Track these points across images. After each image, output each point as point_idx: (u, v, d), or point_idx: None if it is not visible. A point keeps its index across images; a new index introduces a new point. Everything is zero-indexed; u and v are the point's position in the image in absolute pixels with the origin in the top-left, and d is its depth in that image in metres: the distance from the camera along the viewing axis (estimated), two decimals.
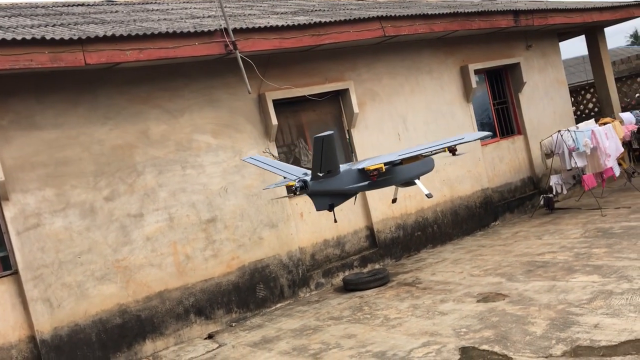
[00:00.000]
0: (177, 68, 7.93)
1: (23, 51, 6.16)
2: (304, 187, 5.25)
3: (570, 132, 10.59)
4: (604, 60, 13.89)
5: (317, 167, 5.05)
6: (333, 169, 5.18)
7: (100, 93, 7.39)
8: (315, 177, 5.18)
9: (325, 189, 5.32)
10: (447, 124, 10.91)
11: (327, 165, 5.05)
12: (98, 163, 7.28)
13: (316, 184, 5.25)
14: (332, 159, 5.03)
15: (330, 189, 5.35)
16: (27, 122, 6.85)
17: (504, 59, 11.90)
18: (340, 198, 5.63)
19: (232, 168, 8.33)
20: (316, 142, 4.85)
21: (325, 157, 4.95)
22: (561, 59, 13.34)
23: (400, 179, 5.88)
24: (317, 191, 5.32)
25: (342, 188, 5.42)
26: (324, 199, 5.44)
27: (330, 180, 5.30)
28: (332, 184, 5.33)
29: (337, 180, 5.38)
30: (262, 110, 8.69)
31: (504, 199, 11.69)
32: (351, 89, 9.60)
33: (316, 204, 5.52)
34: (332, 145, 4.92)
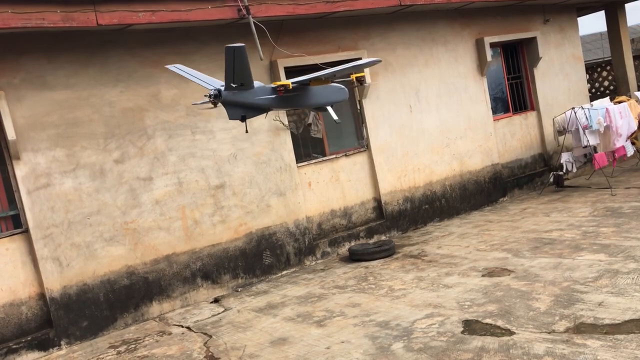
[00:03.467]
0: (189, 32, 7.85)
1: (35, 9, 6.11)
2: (218, 96, 5.55)
3: (584, 109, 10.46)
4: (622, 37, 13.62)
5: (229, 78, 5.29)
6: (246, 82, 5.43)
7: (111, 55, 7.35)
8: (228, 87, 5.44)
9: (238, 99, 5.62)
10: (459, 97, 10.80)
11: (240, 77, 5.28)
12: (108, 125, 7.29)
13: (229, 94, 5.54)
14: (245, 72, 5.26)
15: (243, 101, 5.65)
16: (39, 81, 6.84)
17: (521, 33, 11.69)
18: (253, 111, 5.92)
19: (242, 135, 8.31)
20: (227, 53, 5.03)
21: (237, 68, 5.16)
22: (579, 35, 13.09)
23: (312, 102, 6.20)
24: (230, 101, 5.62)
25: (254, 101, 5.71)
26: (237, 109, 5.74)
27: (243, 92, 5.59)
28: (244, 96, 5.62)
29: (250, 93, 5.67)
30: (274, 77, 8.61)
31: (513, 175, 11.63)
32: (364, 59, 9.48)
33: (229, 113, 5.82)
34: (243, 58, 5.11)
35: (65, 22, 6.33)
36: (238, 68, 5.17)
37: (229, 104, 5.66)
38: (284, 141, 8.72)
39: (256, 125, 8.44)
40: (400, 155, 9.96)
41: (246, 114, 5.80)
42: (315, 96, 6.17)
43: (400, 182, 9.92)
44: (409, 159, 10.08)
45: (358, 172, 9.57)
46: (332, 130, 9.46)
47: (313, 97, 6.16)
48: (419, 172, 10.17)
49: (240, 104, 5.68)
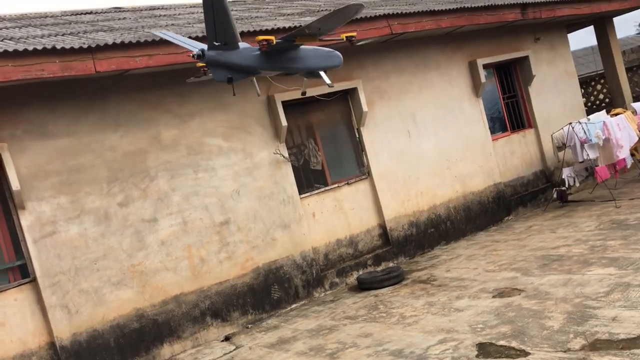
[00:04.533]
0: (187, 72, 7.92)
1: (34, 61, 6.22)
2: (201, 56, 5.24)
3: (581, 124, 10.53)
4: (613, 50, 13.78)
5: (211, 34, 4.95)
6: (229, 40, 5.10)
7: (110, 100, 7.45)
8: (211, 46, 5.12)
9: (224, 59, 5.29)
10: (456, 119, 10.89)
11: (222, 33, 4.94)
12: (111, 169, 7.34)
13: (213, 54, 5.21)
14: (227, 27, 4.91)
15: (229, 61, 5.31)
16: (41, 131, 6.93)
17: (512, 53, 11.84)
18: (240, 74, 5.56)
19: (244, 170, 8.36)
20: (205, 4, 4.69)
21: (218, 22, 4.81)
22: (570, 51, 13.25)
23: (303, 64, 5.84)
24: (214, 61, 5.28)
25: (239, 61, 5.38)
26: (222, 70, 5.41)
27: (228, 52, 5.27)
28: (230, 56, 5.30)
29: (236, 53, 5.33)
30: (272, 112, 8.71)
31: (516, 193, 11.63)
32: (359, 88, 9.61)
33: (214, 74, 5.49)
34: (224, 8, 4.75)
35: (64, 71, 6.44)
36: (219, 20, 4.81)
37: (213, 64, 5.35)
38: (285, 174, 8.77)
39: (257, 159, 8.50)
40: (402, 180, 9.99)
41: (232, 76, 5.44)
42: (306, 59, 5.82)
43: (404, 207, 9.93)
44: (411, 183, 10.11)
45: (361, 199, 9.58)
46: (333, 160, 9.52)
47: (304, 59, 5.81)
48: (422, 196, 10.18)
49: (225, 65, 5.34)
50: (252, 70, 5.60)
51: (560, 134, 10.97)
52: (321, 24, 5.26)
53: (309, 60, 5.85)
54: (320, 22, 5.23)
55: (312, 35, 5.45)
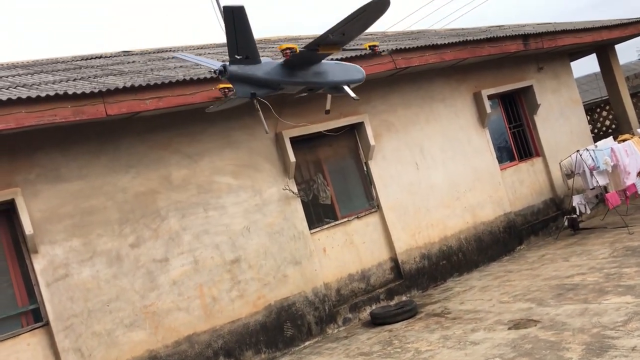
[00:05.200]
0: (196, 113, 8.08)
1: (47, 107, 6.35)
2: (224, 72, 5.12)
3: (589, 151, 10.53)
4: (617, 77, 13.87)
5: (232, 47, 4.86)
6: (251, 54, 4.99)
7: (122, 142, 7.56)
8: (233, 60, 5.01)
9: (246, 73, 5.17)
10: (463, 150, 10.92)
11: (244, 46, 4.84)
12: (122, 210, 7.40)
13: (236, 69, 5.10)
14: (248, 40, 4.81)
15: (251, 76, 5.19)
16: (53, 174, 7.02)
17: (517, 83, 11.94)
18: (264, 89, 5.43)
19: (253, 207, 8.40)
20: (226, 15, 4.59)
21: (239, 35, 4.71)
22: (574, 79, 13.35)
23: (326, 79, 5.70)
24: (237, 76, 5.16)
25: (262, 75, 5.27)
26: (246, 86, 5.30)
27: (250, 66, 5.15)
28: (252, 70, 5.18)
29: (258, 67, 5.22)
30: (280, 149, 8.79)
31: (527, 222, 11.57)
32: (366, 122, 9.69)
33: (237, 90, 5.36)
34: (244, 22, 4.64)
35: (76, 116, 6.56)
36: (240, 34, 4.72)
37: (236, 80, 5.24)
38: (295, 209, 8.79)
39: (266, 196, 8.55)
40: (412, 212, 9.98)
41: (256, 92, 5.34)
42: (329, 73, 5.70)
43: (415, 240, 9.89)
44: (421, 215, 10.09)
45: (372, 233, 9.57)
46: (342, 194, 9.54)
47: (327, 74, 5.69)
48: (432, 228, 10.15)
49: (248, 80, 5.24)
50: (275, 85, 5.51)
51: (569, 161, 10.97)
52: (345, 28, 5.02)
53: (332, 75, 5.77)
54: (344, 25, 4.97)
55: (335, 44, 5.28)
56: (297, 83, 5.70)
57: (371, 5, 4.73)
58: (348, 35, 5.16)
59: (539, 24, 14.58)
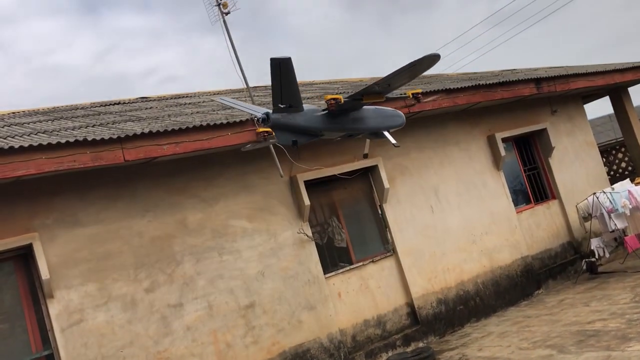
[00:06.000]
0: (212, 157, 8.18)
1: (67, 153, 6.47)
2: (266, 120, 5.17)
3: (606, 193, 10.44)
4: (631, 119, 13.85)
5: (277, 96, 4.92)
6: (294, 102, 5.05)
7: (138, 186, 7.64)
8: (276, 108, 5.06)
9: (289, 122, 5.22)
10: (479, 193, 10.88)
11: (288, 96, 4.90)
12: (138, 255, 7.42)
13: (278, 117, 5.17)
14: (293, 90, 4.87)
15: (293, 124, 5.23)
16: (71, 219, 7.09)
17: (531, 126, 11.97)
18: (304, 136, 5.47)
19: (268, 251, 8.38)
20: (272, 66, 4.63)
21: (285, 84, 4.78)
22: (587, 121, 13.36)
23: (366, 125, 5.75)
24: (279, 124, 5.22)
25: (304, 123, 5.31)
26: (287, 133, 5.34)
27: (293, 115, 5.21)
28: (294, 118, 5.23)
29: (300, 115, 5.27)
30: (295, 192, 8.82)
31: (545, 266, 11.39)
32: (380, 165, 9.72)
33: (279, 138, 5.41)
34: (290, 72, 4.71)
35: (95, 161, 6.67)
36: (285, 84, 4.82)
37: (278, 127, 5.31)
38: (309, 253, 8.75)
39: (281, 240, 8.53)
40: (427, 256, 9.88)
41: (297, 139, 5.40)
42: (369, 119, 5.78)
43: (431, 284, 9.76)
44: (437, 259, 9.99)
45: (387, 277, 9.46)
46: (357, 237, 9.50)
47: (368, 120, 5.77)
48: (449, 272, 10.03)
49: (290, 128, 5.31)
50: (316, 132, 5.58)
51: (585, 204, 10.87)
52: (391, 80, 5.15)
53: (372, 121, 5.86)
54: (391, 78, 5.11)
55: (379, 93, 5.41)
56: (337, 129, 5.79)
57: (423, 60, 4.88)
58: (393, 86, 5.32)
59: (551, 68, 14.70)
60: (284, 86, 4.84)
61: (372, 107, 5.97)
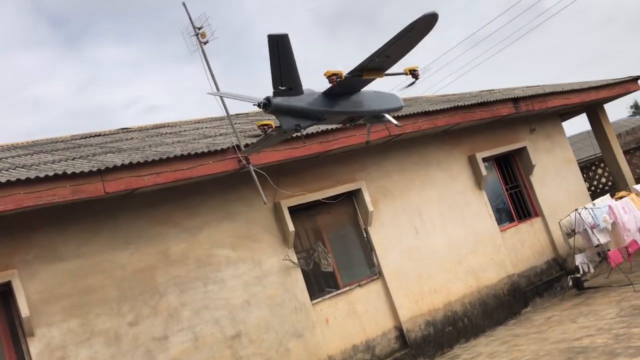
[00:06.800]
0: (193, 186, 8.14)
1: (46, 187, 6.39)
2: (268, 105, 5.08)
3: (587, 209, 10.54)
4: (608, 135, 14.08)
5: (276, 78, 4.81)
6: (294, 84, 4.95)
7: (120, 218, 7.56)
8: (277, 91, 4.97)
9: (290, 104, 5.13)
10: (462, 213, 10.93)
11: (287, 77, 4.80)
12: (121, 288, 7.30)
13: (280, 100, 5.08)
14: (292, 70, 4.77)
15: (295, 107, 5.14)
16: (51, 254, 6.98)
17: (510, 145, 12.11)
18: (307, 120, 5.40)
19: (253, 279, 8.30)
20: (270, 44, 4.48)
21: (283, 65, 4.66)
22: (566, 138, 13.55)
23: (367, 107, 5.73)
24: (281, 107, 5.12)
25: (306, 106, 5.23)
26: (290, 118, 5.25)
27: (294, 97, 5.13)
28: (296, 101, 5.15)
29: (301, 99, 5.20)
30: (279, 219, 8.79)
31: (531, 284, 11.42)
32: (363, 188, 9.75)
33: (282, 122, 5.31)
34: (288, 51, 4.58)
35: (75, 194, 6.60)
36: (284, 64, 4.69)
37: (280, 111, 5.21)
38: (295, 280, 8.69)
39: (266, 267, 8.47)
40: (414, 278, 9.86)
41: (300, 123, 5.32)
42: (369, 102, 5.77)
43: (418, 307, 9.72)
44: (424, 281, 9.97)
45: (375, 301, 9.41)
46: (343, 262, 9.46)
47: (368, 102, 5.76)
48: (436, 294, 10.00)
49: (292, 111, 5.22)
50: (319, 116, 5.51)
51: (568, 220, 10.96)
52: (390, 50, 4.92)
53: (372, 103, 5.84)
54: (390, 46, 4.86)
55: (379, 68, 5.26)
56: (339, 113, 5.73)
57: (419, 22, 4.65)
58: (392, 57, 5.13)
59: (528, 87, 14.96)
60: (282, 67, 4.72)
61: (371, 91, 5.96)
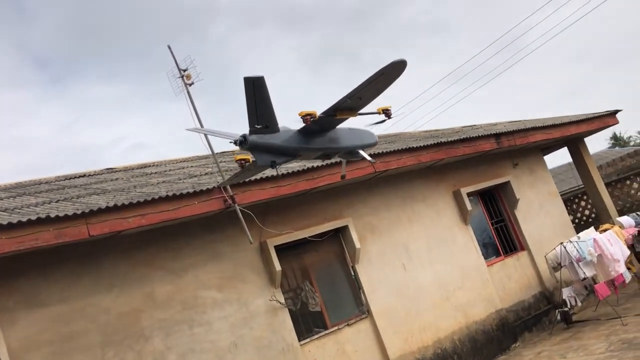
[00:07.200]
0: (179, 227, 8.07)
1: (28, 231, 6.28)
2: (244, 142, 5.19)
3: (572, 242, 10.60)
4: (590, 168, 14.27)
5: (252, 117, 4.93)
6: (270, 123, 5.06)
7: (104, 261, 7.45)
8: (253, 129, 5.07)
9: (266, 142, 5.25)
10: (449, 248, 10.94)
11: (263, 115, 4.92)
12: (105, 333, 7.15)
13: (256, 138, 5.19)
14: (267, 109, 4.91)
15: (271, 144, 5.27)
16: (33, 300, 6.83)
17: (494, 179, 12.22)
18: (282, 157, 5.52)
19: (240, 321, 8.18)
20: (246, 85, 4.64)
21: (259, 104, 4.80)
22: (549, 172, 13.73)
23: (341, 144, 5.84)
24: (257, 145, 5.25)
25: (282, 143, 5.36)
26: (265, 155, 5.37)
27: (269, 135, 5.24)
28: (271, 139, 5.27)
29: (277, 136, 5.30)
30: (265, 258, 8.72)
31: (519, 318, 11.38)
32: (350, 225, 9.74)
33: (258, 158, 5.41)
34: (264, 91, 4.73)
35: (58, 238, 6.49)
36: (260, 103, 4.84)
37: (256, 149, 5.34)
38: (283, 320, 8.57)
39: (253, 308, 8.36)
40: (402, 316, 9.78)
41: (275, 160, 5.44)
42: (344, 139, 5.87)
43: (408, 345, 9.62)
44: (412, 318, 9.89)
45: (364, 340, 9.29)
46: (331, 301, 9.37)
47: (342, 139, 5.86)
48: (425, 331, 9.92)
49: (268, 148, 5.35)
50: (294, 152, 5.63)
51: (554, 254, 11.00)
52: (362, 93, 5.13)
53: (346, 140, 5.96)
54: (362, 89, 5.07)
55: (352, 109, 5.42)
56: (314, 149, 5.87)
57: (389, 68, 4.89)
58: (364, 99, 5.33)
59: (510, 122, 15.19)
60: (258, 106, 4.88)
61: (346, 127, 6.13)
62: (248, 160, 5.91)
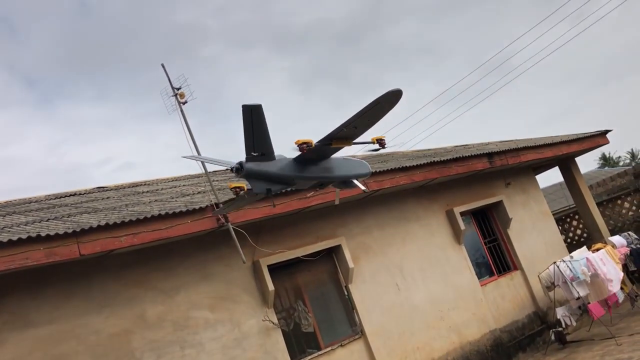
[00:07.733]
0: (171, 246, 8.00)
1: (18, 250, 6.19)
2: (240, 170, 5.21)
3: (565, 262, 10.60)
4: (581, 187, 14.33)
5: (249, 144, 4.99)
6: (266, 151, 5.13)
7: (95, 281, 7.35)
8: (249, 157, 5.12)
9: (262, 170, 5.29)
10: (442, 268, 10.90)
11: (260, 143, 4.99)
12: (95, 355, 7.02)
13: (252, 165, 5.23)
14: (264, 137, 4.97)
15: (266, 172, 5.32)
16: (22, 321, 6.70)
17: (487, 199, 12.24)
18: (277, 185, 5.56)
19: (232, 342, 8.07)
20: (244, 113, 4.70)
21: (256, 131, 4.86)
22: (541, 192, 13.77)
23: (336, 173, 5.93)
24: (253, 172, 5.27)
25: (278, 171, 5.42)
26: (261, 183, 5.41)
27: (265, 163, 5.30)
28: (267, 167, 5.32)
29: (273, 164, 5.36)
30: (258, 278, 8.64)
31: (513, 339, 11.30)
32: (343, 245, 9.69)
33: (253, 186, 5.45)
34: (261, 120, 4.79)
35: (49, 257, 6.40)
36: (257, 132, 4.90)
37: (252, 176, 5.37)
38: (275, 341, 8.47)
39: (245, 329, 8.25)
40: (396, 336, 9.69)
41: (271, 188, 5.49)
42: (338, 168, 5.97)
43: None
44: (406, 339, 9.80)
45: None
46: (324, 321, 9.28)
47: (337, 168, 5.96)
48: (419, 352, 9.82)
49: (263, 176, 5.40)
50: (289, 181, 5.70)
51: (547, 273, 10.98)
52: (357, 122, 5.19)
53: (341, 169, 6.05)
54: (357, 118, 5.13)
55: (347, 138, 5.51)
56: (309, 178, 5.92)
57: (384, 98, 4.94)
58: (360, 128, 5.39)
59: (502, 142, 15.28)
60: (255, 134, 4.94)
61: (340, 157, 6.22)
62: (243, 188, 5.93)
